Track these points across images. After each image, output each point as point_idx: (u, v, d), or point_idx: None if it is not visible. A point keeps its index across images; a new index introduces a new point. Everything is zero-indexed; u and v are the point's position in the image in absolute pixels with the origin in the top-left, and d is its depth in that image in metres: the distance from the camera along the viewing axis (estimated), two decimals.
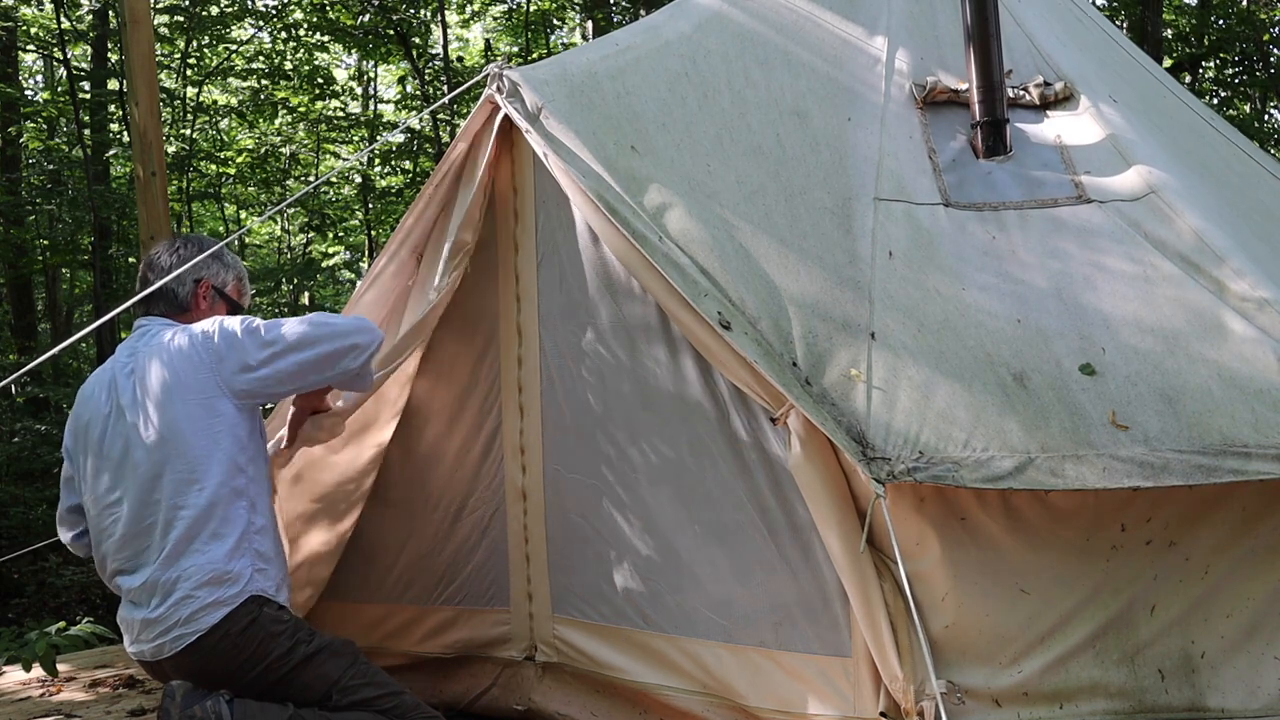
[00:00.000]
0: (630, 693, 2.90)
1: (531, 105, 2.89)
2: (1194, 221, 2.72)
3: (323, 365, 2.54)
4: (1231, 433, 2.31)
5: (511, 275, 3.15)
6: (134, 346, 2.62)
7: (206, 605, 2.44)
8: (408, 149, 12.73)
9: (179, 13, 11.04)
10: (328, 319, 2.58)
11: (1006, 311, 2.61)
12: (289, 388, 2.62)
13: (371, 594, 3.37)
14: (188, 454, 2.47)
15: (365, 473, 3.22)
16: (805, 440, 2.38)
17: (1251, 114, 12.46)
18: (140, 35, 5.00)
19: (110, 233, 11.13)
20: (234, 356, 2.49)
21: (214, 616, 2.44)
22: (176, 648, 2.45)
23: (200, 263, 2.69)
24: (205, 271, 2.72)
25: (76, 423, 2.66)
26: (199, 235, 2.82)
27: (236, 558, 2.48)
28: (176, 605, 2.44)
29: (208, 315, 2.68)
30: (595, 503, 2.95)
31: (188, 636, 2.44)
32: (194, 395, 2.49)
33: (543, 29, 13.42)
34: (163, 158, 5.12)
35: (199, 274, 2.71)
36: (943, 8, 3.33)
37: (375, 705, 2.53)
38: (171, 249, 2.74)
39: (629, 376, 2.88)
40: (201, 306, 2.72)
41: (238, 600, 2.47)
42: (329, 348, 2.52)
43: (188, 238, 2.80)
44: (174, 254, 2.72)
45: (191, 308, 2.71)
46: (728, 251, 2.69)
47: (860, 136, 3.02)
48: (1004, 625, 2.40)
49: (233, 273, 2.79)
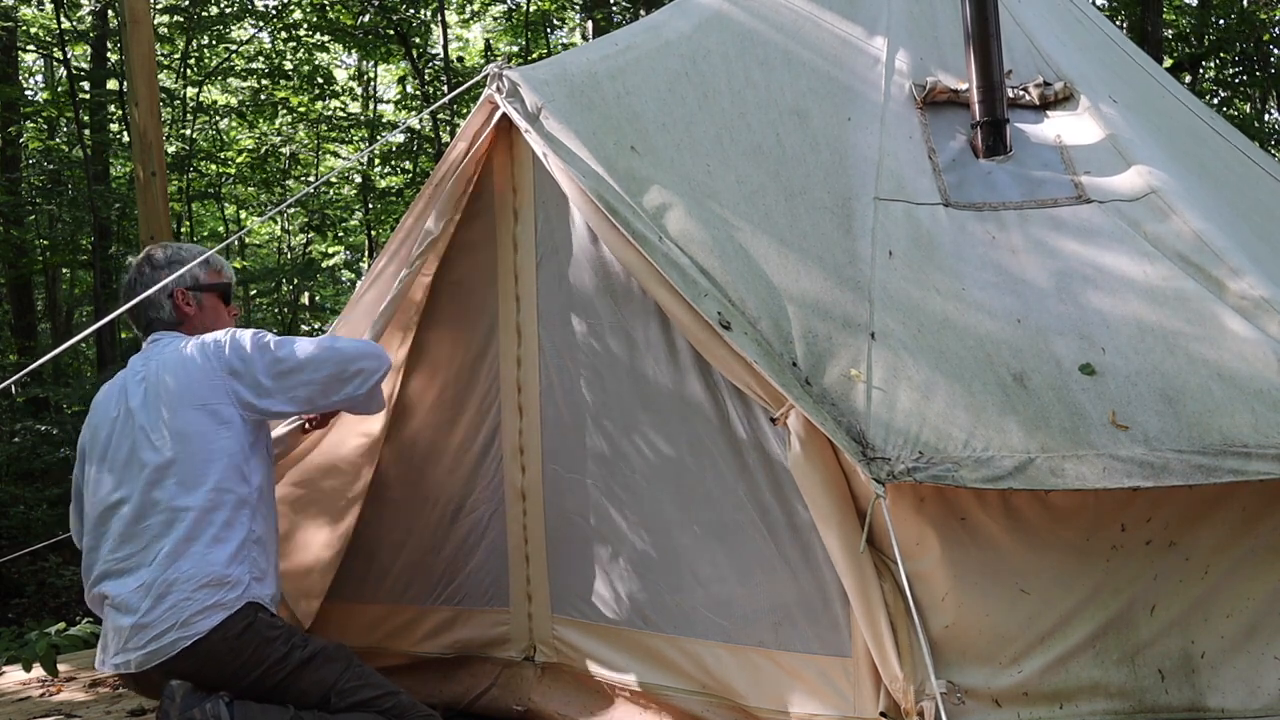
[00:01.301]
0: (630, 693, 2.90)
1: (531, 105, 2.89)
2: (1194, 222, 2.72)
3: (329, 389, 2.61)
4: (1231, 433, 2.31)
5: (511, 275, 3.15)
6: (147, 355, 2.67)
7: (206, 608, 2.43)
8: (408, 149, 12.74)
9: (179, 13, 11.04)
10: (336, 343, 2.63)
11: (1006, 311, 2.61)
12: (295, 409, 2.66)
13: (371, 594, 3.37)
14: (194, 458, 2.49)
15: (360, 466, 3.24)
16: (805, 440, 2.37)
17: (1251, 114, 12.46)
18: (140, 35, 5.01)
19: (110, 233, 11.14)
20: (244, 370, 2.54)
21: (212, 620, 2.43)
22: (172, 652, 2.42)
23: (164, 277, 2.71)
24: (171, 283, 2.72)
25: (88, 429, 2.70)
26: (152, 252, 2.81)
27: (236, 564, 2.49)
28: (173, 608, 2.42)
29: (201, 316, 2.75)
30: (595, 503, 2.95)
31: (184, 640, 2.42)
32: (202, 402, 2.52)
33: (543, 29, 13.43)
34: (163, 158, 5.13)
35: (168, 290, 2.72)
36: (943, 8, 3.33)
37: (374, 706, 2.54)
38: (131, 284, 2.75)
39: (628, 376, 2.88)
40: (189, 312, 2.75)
41: (236, 605, 2.46)
42: (335, 370, 2.59)
43: (144, 260, 2.79)
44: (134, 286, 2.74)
45: (183, 318, 2.75)
46: (728, 251, 2.69)
47: (860, 136, 3.02)
48: (1004, 625, 2.39)
49: (190, 265, 2.76)
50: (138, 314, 2.74)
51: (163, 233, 4.97)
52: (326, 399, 2.63)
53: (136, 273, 2.76)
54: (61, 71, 12.66)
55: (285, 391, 2.56)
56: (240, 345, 2.56)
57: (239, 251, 15.19)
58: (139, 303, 2.67)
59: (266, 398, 2.55)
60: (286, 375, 2.55)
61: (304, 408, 2.65)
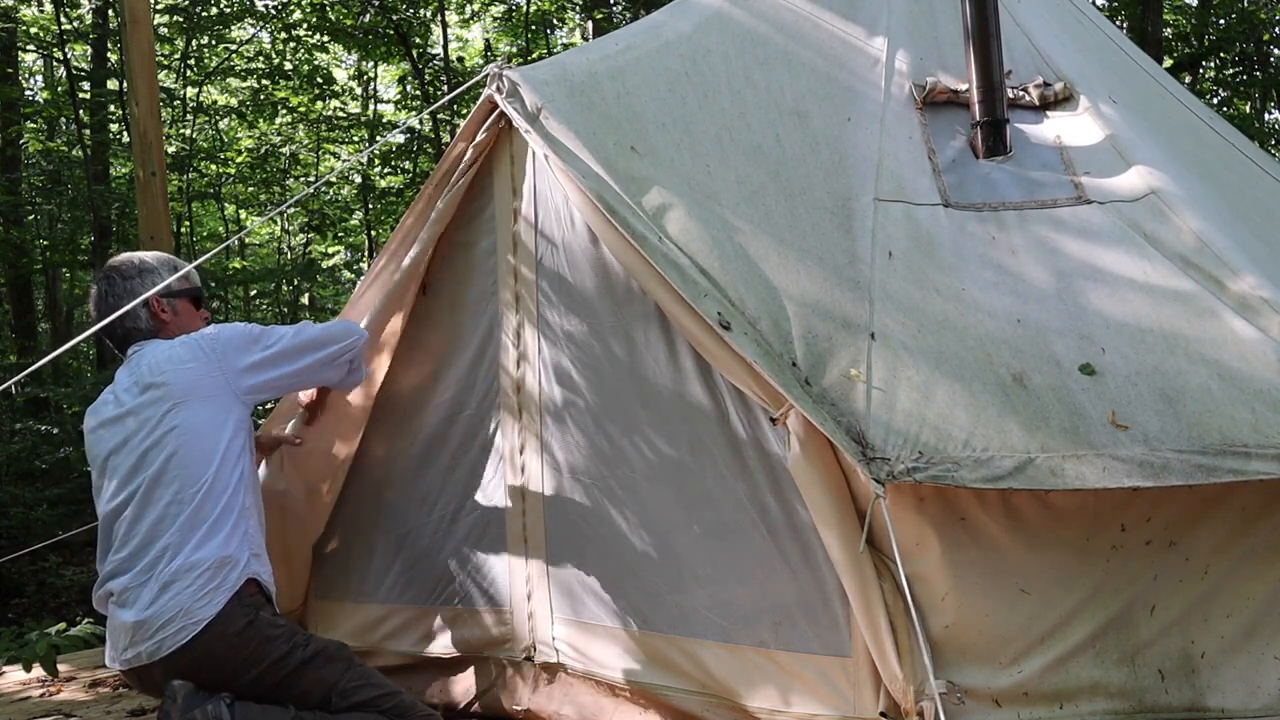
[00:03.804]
0: (630, 693, 2.90)
1: (531, 105, 2.89)
2: (1194, 222, 2.72)
3: (315, 370, 2.85)
4: (1231, 433, 2.31)
5: (511, 275, 3.15)
6: (134, 364, 2.68)
7: (208, 591, 2.46)
8: (408, 149, 12.74)
9: (179, 13, 11.04)
10: (313, 329, 2.85)
11: (1006, 311, 2.61)
12: (285, 389, 2.95)
13: (371, 594, 3.37)
14: (192, 451, 2.54)
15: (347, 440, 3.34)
16: (804, 440, 2.37)
17: (1251, 114, 12.46)
18: (140, 35, 5.01)
19: (110, 233, 11.14)
20: (239, 359, 2.64)
21: (216, 603, 2.46)
22: (178, 641, 2.44)
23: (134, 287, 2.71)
24: (144, 292, 2.72)
25: (89, 445, 2.72)
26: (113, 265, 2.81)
27: (234, 544, 2.54)
28: (178, 595, 2.45)
29: (176, 321, 2.76)
30: (595, 503, 2.95)
31: (191, 628, 2.44)
32: (198, 396, 2.57)
33: (543, 29, 13.43)
34: (163, 158, 5.13)
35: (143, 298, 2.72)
36: (943, 8, 3.33)
37: (375, 705, 2.55)
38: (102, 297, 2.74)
39: (628, 376, 2.88)
40: (165, 319, 2.76)
41: (238, 583, 2.50)
42: (318, 355, 2.81)
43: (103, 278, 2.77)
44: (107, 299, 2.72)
45: (160, 325, 2.75)
46: (727, 251, 2.69)
47: (860, 137, 3.02)
48: (1004, 625, 2.39)
49: (161, 273, 2.77)
50: (113, 328, 2.72)
51: (162, 233, 4.97)
52: (314, 376, 2.89)
53: (107, 286, 2.73)
54: (61, 71, 12.66)
55: (278, 374, 2.73)
56: (229, 337, 2.66)
57: (239, 251, 15.20)
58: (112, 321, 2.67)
59: (261, 382, 2.69)
60: (277, 361, 2.72)
61: (294, 386, 2.94)
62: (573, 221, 2.98)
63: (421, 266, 3.22)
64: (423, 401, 3.31)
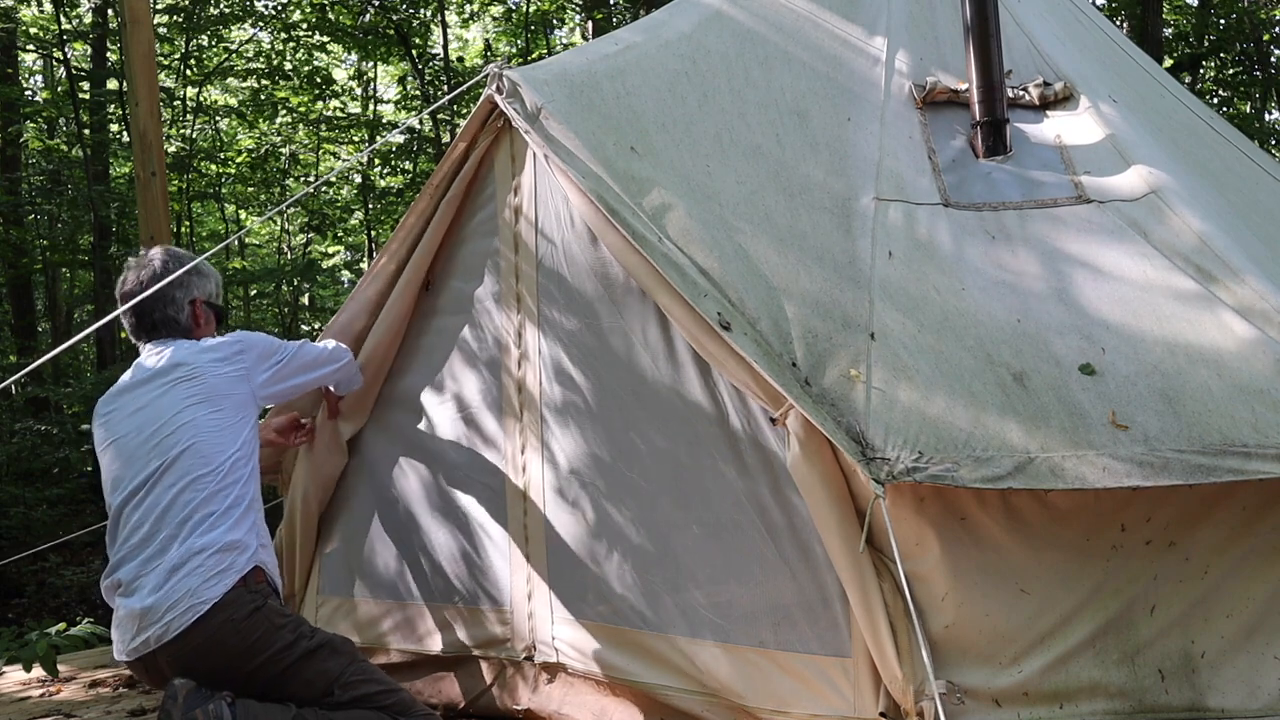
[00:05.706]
0: (629, 693, 2.90)
1: (531, 105, 2.89)
2: (1194, 222, 2.72)
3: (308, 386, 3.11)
4: (1231, 433, 2.31)
5: (512, 275, 3.15)
6: (158, 355, 2.73)
7: (216, 573, 2.49)
8: (408, 149, 12.73)
9: (179, 13, 11.04)
10: (312, 349, 3.06)
11: (1006, 311, 2.61)
12: (283, 400, 3.19)
13: (371, 592, 3.37)
14: (206, 445, 2.60)
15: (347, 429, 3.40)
16: (804, 440, 2.37)
17: (1251, 114, 12.45)
18: (140, 35, 5.01)
19: (110, 233, 11.13)
20: (260, 368, 2.79)
21: (222, 586, 2.48)
22: (185, 622, 2.45)
23: (192, 282, 2.84)
24: (196, 291, 2.85)
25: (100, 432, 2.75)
26: (175, 250, 2.94)
27: (241, 528, 2.58)
28: (186, 577, 2.47)
29: (203, 331, 2.87)
30: (595, 503, 2.95)
31: (199, 607, 2.46)
32: (227, 395, 2.67)
33: (542, 29, 13.43)
34: (163, 158, 5.13)
35: (191, 294, 2.83)
36: (943, 8, 3.33)
37: (375, 701, 2.56)
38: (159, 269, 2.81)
39: (628, 376, 2.88)
40: (200, 323, 2.86)
41: (245, 568, 2.53)
42: (313, 375, 3.05)
43: (169, 257, 2.87)
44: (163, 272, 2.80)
45: (194, 327, 2.84)
46: (727, 251, 2.69)
47: (860, 136, 3.02)
48: (1004, 625, 2.39)
49: (212, 280, 2.93)
50: (147, 311, 2.77)
51: (163, 233, 4.97)
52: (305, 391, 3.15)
53: (169, 261, 2.83)
54: (61, 71, 12.66)
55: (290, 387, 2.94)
56: (257, 344, 2.81)
57: (239, 251, 15.19)
58: (156, 298, 2.75)
59: (268, 396, 2.88)
60: (283, 376, 2.89)
61: (289, 399, 3.20)
62: (573, 221, 2.98)
63: (424, 265, 3.23)
64: (423, 402, 3.31)
